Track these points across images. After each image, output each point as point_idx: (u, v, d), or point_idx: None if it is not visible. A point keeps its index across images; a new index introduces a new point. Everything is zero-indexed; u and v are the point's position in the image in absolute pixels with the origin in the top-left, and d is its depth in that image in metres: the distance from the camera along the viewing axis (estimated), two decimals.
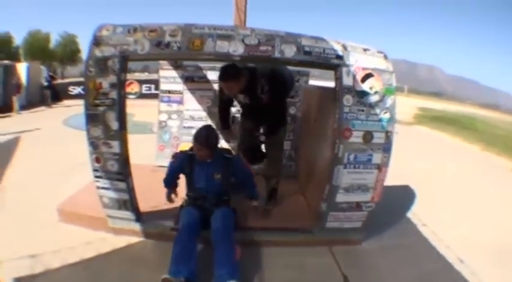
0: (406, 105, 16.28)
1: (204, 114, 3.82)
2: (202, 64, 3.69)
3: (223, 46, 2.18)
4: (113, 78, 2.22)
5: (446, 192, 4.20)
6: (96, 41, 2.22)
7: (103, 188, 2.43)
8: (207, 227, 2.23)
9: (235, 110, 3.69)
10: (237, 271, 1.98)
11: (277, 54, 2.20)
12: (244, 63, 2.60)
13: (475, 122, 15.42)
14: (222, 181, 2.32)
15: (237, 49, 2.18)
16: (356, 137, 2.28)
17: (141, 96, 12.73)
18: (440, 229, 2.96)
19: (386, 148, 2.33)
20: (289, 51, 2.20)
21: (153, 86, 12.58)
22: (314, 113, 3.19)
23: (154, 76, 13.20)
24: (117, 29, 2.23)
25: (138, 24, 2.25)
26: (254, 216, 2.75)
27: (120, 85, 2.25)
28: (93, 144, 2.34)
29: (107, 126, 2.28)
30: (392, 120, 2.29)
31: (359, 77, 2.23)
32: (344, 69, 2.23)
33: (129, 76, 2.50)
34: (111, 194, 2.44)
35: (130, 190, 2.45)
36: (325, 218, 2.53)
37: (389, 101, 2.27)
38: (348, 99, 2.24)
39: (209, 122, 3.70)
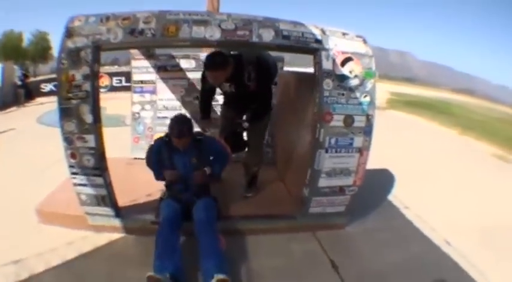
0: (378, 90, 16.13)
1: (177, 103, 3.77)
2: (174, 52, 3.65)
3: (199, 31, 2.13)
4: (85, 70, 2.15)
5: (426, 175, 4.25)
6: (68, 33, 2.13)
7: (80, 184, 2.36)
8: (189, 218, 2.21)
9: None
10: (224, 262, 1.96)
11: (254, 39, 2.17)
12: (228, 50, 2.56)
13: (451, 107, 15.54)
14: (198, 165, 2.30)
15: (213, 34, 2.14)
16: (337, 121, 2.29)
17: (112, 89, 12.55)
18: (424, 212, 3.02)
19: (367, 131, 2.35)
20: (267, 36, 2.18)
21: (123, 79, 12.40)
22: (290, 99, 3.21)
23: (124, 69, 13.10)
24: (89, 19, 2.15)
25: (110, 12, 2.18)
26: (236, 205, 2.78)
27: (93, 76, 2.18)
28: (68, 139, 2.25)
29: (81, 120, 2.20)
30: (372, 103, 2.32)
31: (338, 61, 2.24)
32: (323, 53, 2.23)
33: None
34: (89, 191, 2.37)
35: (108, 185, 2.38)
36: (308, 204, 2.54)
37: (369, 85, 2.30)
38: (327, 83, 2.24)
39: (183, 111, 3.67)
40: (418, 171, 4.35)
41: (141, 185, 2.69)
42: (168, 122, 2.27)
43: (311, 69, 2.46)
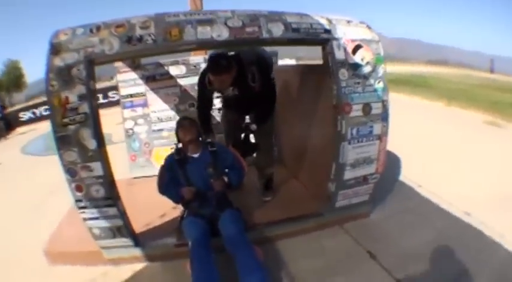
0: None
1: (172, 113, 3.58)
2: (162, 60, 3.43)
3: (205, 32, 1.97)
4: (80, 89, 1.91)
5: (430, 151, 4.32)
6: (54, 49, 1.88)
7: (91, 218, 2.13)
8: (214, 234, 2.08)
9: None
10: (268, 275, 1.87)
11: (265, 35, 2.05)
12: (226, 50, 2.42)
13: (427, 80, 15.69)
14: (215, 174, 2.19)
15: (221, 33, 1.99)
16: (356, 111, 2.26)
17: None
18: (437, 188, 3.11)
19: (385, 117, 2.36)
20: (277, 30, 2.07)
21: (101, 96, 12.08)
22: (293, 94, 3.13)
23: (102, 84, 13.16)
24: (76, 31, 1.91)
25: (101, 21, 1.95)
26: (258, 211, 2.69)
27: (90, 95, 1.94)
28: (70, 171, 2.01)
29: (83, 146, 1.97)
30: (385, 88, 2.32)
31: (349, 50, 2.20)
32: (334, 43, 2.17)
33: None
34: (102, 223, 2.14)
35: (123, 214, 2.17)
36: (335, 198, 2.51)
37: (380, 70, 2.29)
38: (343, 74, 2.20)
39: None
40: (421, 149, 4.40)
41: (151, 206, 2.49)
42: (164, 134, 2.16)
43: (301, 61, 2.41)
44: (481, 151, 4.36)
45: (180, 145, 2.31)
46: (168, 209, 2.62)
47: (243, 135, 2.64)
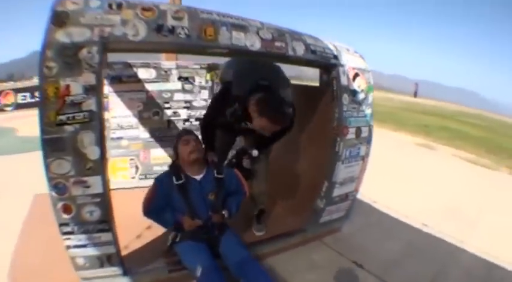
0: None
1: (134, 120, 3.22)
2: (132, 60, 3.10)
3: (239, 38, 1.95)
4: (89, 78, 1.57)
5: (374, 170, 4.80)
6: (58, 19, 1.50)
7: (76, 246, 1.72)
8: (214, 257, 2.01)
9: (170, 112, 3.31)
10: None
11: (290, 52, 2.16)
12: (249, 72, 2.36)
13: None
14: (216, 203, 2.09)
15: (254, 43, 2.00)
16: (351, 134, 2.58)
17: (18, 106, 11.53)
18: (391, 202, 3.74)
19: (369, 140, 2.77)
20: (300, 50, 2.22)
21: (28, 95, 11.78)
22: None
23: (27, 83, 12.59)
24: (90, 3, 1.58)
25: None
26: (245, 231, 2.68)
27: (100, 88, 1.63)
28: (59, 186, 1.60)
29: (81, 155, 1.61)
30: (372, 115, 2.75)
31: (351, 76, 2.55)
32: (341, 69, 2.47)
33: None
34: (90, 252, 1.76)
35: (116, 240, 1.84)
36: (321, 214, 2.75)
37: (370, 98, 2.71)
38: (345, 98, 2.50)
39: (140, 129, 3.17)
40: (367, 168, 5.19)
41: (123, 225, 2.17)
42: (123, 143, 1.95)
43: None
44: (421, 170, 5.50)
45: (174, 162, 2.14)
46: (142, 228, 2.42)
47: (232, 158, 2.56)
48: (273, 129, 2.12)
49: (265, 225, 2.78)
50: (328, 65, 2.44)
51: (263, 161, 2.65)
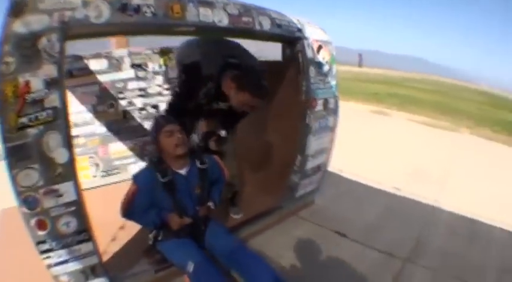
0: None
1: (89, 116, 2.99)
2: (82, 52, 2.85)
3: (207, 15, 1.89)
4: (50, 70, 1.41)
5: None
6: (16, 9, 1.32)
7: (58, 263, 1.59)
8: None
9: (125, 103, 3.13)
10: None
11: (257, 27, 2.16)
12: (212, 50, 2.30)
13: None
14: (202, 195, 2.03)
15: (221, 19, 1.96)
16: (319, 106, 2.70)
17: None
18: (358, 170, 3.99)
19: (336, 111, 2.91)
20: (266, 24, 2.22)
21: None
22: None
23: None
24: None
25: None
26: (221, 217, 2.66)
27: (62, 81, 1.47)
28: (28, 200, 1.45)
29: (49, 161, 1.47)
30: (337, 86, 2.88)
31: (315, 49, 2.63)
32: (305, 42, 2.53)
33: None
34: (73, 267, 1.65)
35: (97, 249, 1.74)
36: (295, 189, 2.87)
37: (334, 69, 2.82)
38: (312, 71, 2.58)
39: (96, 124, 2.96)
40: None
41: (97, 228, 2.05)
42: (80, 141, 1.83)
43: None
44: (380, 136, 5.82)
45: (157, 156, 1.97)
46: (116, 229, 2.35)
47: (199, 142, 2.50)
48: (254, 104, 2.14)
49: (240, 207, 2.83)
50: (293, 38, 2.48)
51: (230, 142, 2.65)
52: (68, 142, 1.52)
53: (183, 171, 1.95)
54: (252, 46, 2.62)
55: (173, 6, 1.75)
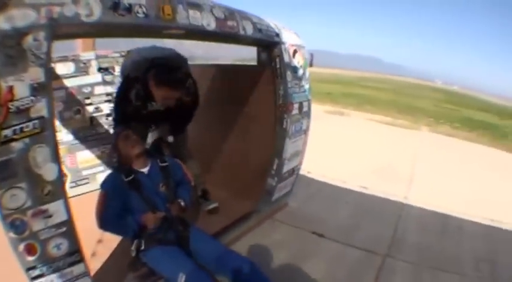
0: None
1: (56, 123, 2.65)
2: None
3: (196, 17, 1.86)
4: (36, 74, 1.28)
5: None
6: (0, 3, 1.16)
7: None
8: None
9: (92, 108, 2.91)
10: None
11: (241, 31, 2.18)
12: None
13: None
14: (168, 194, 2.06)
15: (210, 23, 1.95)
16: (295, 109, 2.78)
17: None
18: (324, 171, 4.11)
19: (309, 114, 3.02)
20: (249, 29, 2.25)
21: None
22: (219, 97, 3.18)
23: None
24: None
25: None
26: (200, 226, 2.62)
27: (50, 86, 1.35)
28: (15, 224, 1.30)
29: (37, 178, 1.34)
30: (310, 89, 2.99)
31: (291, 53, 2.70)
32: (283, 47, 2.59)
33: None
34: None
35: (88, 270, 1.63)
36: (272, 192, 2.91)
37: (307, 73, 2.92)
38: (289, 75, 2.65)
39: (63, 131, 2.74)
40: None
41: None
42: None
43: None
44: (341, 136, 5.96)
45: (118, 161, 2.03)
46: (93, 244, 2.29)
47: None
48: (176, 96, 2.21)
49: (212, 200, 2.90)
50: (272, 43, 2.53)
51: (185, 145, 2.76)
52: (56, 156, 1.38)
53: (145, 170, 2.03)
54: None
55: (164, 7, 1.69)
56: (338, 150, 5.48)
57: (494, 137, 9.58)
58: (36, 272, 1.39)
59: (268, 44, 2.56)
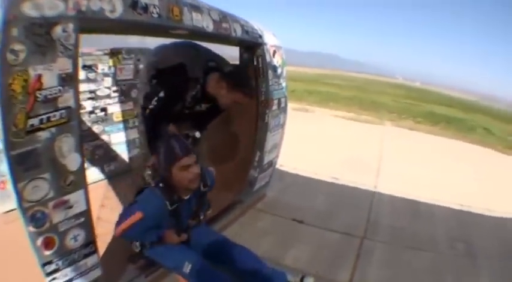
0: None
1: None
2: None
3: (198, 19, 2.02)
4: (65, 65, 1.34)
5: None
6: None
7: None
8: None
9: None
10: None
11: (233, 33, 2.36)
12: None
13: None
14: (197, 212, 2.02)
15: (208, 24, 2.11)
16: (275, 105, 3.02)
17: None
18: (296, 164, 4.37)
19: (286, 109, 3.28)
20: (239, 31, 2.44)
21: None
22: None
23: None
24: None
25: None
26: None
27: (76, 78, 1.42)
28: (37, 216, 1.33)
29: (61, 168, 1.39)
30: (287, 87, 3.25)
31: (272, 53, 2.93)
32: (265, 47, 2.81)
33: None
34: None
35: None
36: (254, 183, 3.13)
37: (284, 71, 3.17)
38: (270, 74, 2.88)
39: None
40: None
41: None
42: None
43: None
44: (309, 131, 6.21)
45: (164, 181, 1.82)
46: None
47: None
48: (244, 102, 2.32)
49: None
50: (256, 43, 2.74)
51: (203, 142, 2.76)
52: (80, 146, 1.46)
53: (187, 197, 1.91)
54: None
55: (173, 9, 1.83)
56: (306, 145, 5.71)
57: (460, 130, 10.30)
58: (52, 267, 1.43)
59: (252, 45, 2.75)
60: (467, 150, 7.44)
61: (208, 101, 2.36)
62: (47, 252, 1.40)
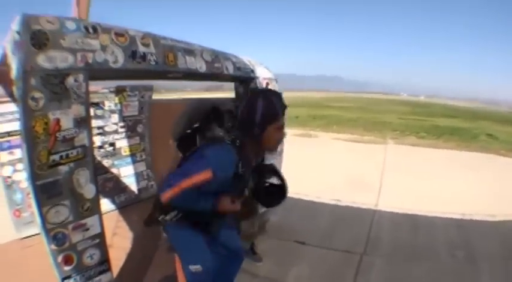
0: None
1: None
2: None
3: (191, 62, 2.27)
4: (79, 110, 1.60)
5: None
6: (39, 40, 1.44)
7: None
8: None
9: None
10: None
11: (225, 71, 2.60)
12: None
13: None
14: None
15: (201, 66, 2.36)
16: None
17: None
18: (298, 189, 4.23)
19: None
20: (230, 68, 2.68)
21: None
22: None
23: None
24: (67, 24, 1.57)
25: (92, 22, 1.73)
26: None
27: (89, 121, 1.67)
28: (58, 237, 1.56)
29: (78, 196, 1.63)
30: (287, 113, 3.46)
31: (264, 86, 3.19)
32: (257, 81, 3.06)
33: None
34: None
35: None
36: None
37: None
38: None
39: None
40: None
41: None
42: None
43: None
44: (312, 156, 6.48)
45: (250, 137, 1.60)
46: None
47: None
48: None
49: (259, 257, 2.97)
50: (248, 78, 2.99)
51: None
52: (94, 178, 1.67)
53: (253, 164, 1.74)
54: None
55: (168, 55, 2.09)
56: (310, 169, 5.88)
57: (463, 139, 10.41)
58: (71, 281, 1.62)
59: (245, 79, 3.01)
60: (469, 158, 7.54)
61: None
62: (67, 268, 1.60)
